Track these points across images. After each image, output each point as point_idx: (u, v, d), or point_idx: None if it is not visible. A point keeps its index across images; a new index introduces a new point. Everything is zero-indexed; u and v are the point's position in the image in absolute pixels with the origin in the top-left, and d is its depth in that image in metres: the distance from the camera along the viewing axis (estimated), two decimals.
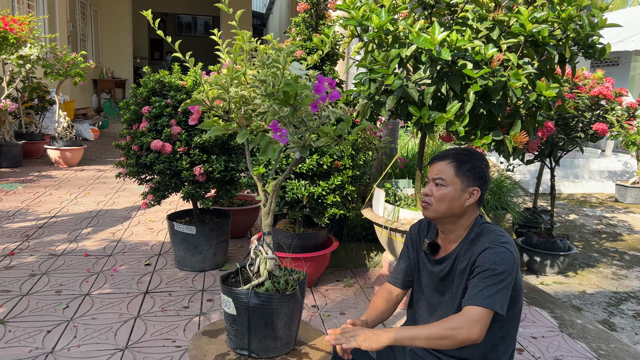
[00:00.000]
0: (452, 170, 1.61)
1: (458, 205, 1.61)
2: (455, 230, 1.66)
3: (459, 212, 1.62)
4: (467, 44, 2.20)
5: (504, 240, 1.55)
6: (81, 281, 3.13)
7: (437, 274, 1.69)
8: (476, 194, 1.62)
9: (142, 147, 3.10)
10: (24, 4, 8.64)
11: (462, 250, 1.63)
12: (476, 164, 1.62)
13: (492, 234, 1.58)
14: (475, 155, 1.64)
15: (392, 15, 2.39)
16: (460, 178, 1.61)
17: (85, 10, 12.59)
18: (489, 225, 1.64)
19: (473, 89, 2.25)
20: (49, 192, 5.21)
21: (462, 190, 1.61)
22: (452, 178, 1.61)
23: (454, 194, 1.60)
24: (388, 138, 3.60)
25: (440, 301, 1.69)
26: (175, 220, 3.39)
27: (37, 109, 7.23)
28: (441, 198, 1.61)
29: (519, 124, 2.52)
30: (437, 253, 1.72)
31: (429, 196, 1.65)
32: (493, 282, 1.48)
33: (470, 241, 1.61)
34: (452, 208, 1.61)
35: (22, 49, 5.81)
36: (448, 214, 1.62)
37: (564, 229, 5.55)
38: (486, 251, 1.52)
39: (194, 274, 3.35)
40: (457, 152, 1.65)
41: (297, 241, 3.06)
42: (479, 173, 1.62)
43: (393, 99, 2.48)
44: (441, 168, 1.63)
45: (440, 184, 1.62)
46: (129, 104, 3.16)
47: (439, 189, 1.62)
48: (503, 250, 1.51)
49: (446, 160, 1.63)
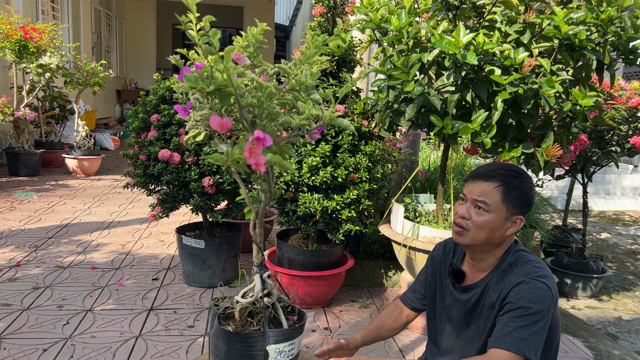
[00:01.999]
0: (498, 196, 1.38)
1: (498, 235, 1.40)
2: (487, 260, 1.45)
3: (498, 241, 1.41)
4: (495, 47, 2.01)
5: (542, 274, 1.33)
6: (85, 295, 3.00)
7: (463, 303, 1.49)
8: (519, 223, 1.41)
9: (150, 157, 2.97)
10: (49, 14, 8.74)
11: (492, 281, 1.42)
12: (526, 190, 1.40)
13: (528, 265, 1.37)
14: (525, 178, 1.42)
15: (413, 17, 2.21)
16: (507, 205, 1.38)
17: (111, 22, 12.74)
18: (525, 253, 1.43)
19: (501, 97, 2.05)
20: (63, 202, 5.14)
21: (505, 218, 1.39)
22: (497, 204, 1.38)
23: (497, 222, 1.39)
24: (409, 150, 3.41)
25: (466, 334, 1.49)
26: (184, 234, 3.24)
27: (58, 118, 7.24)
28: (481, 225, 1.39)
29: (552, 135, 2.31)
30: (462, 282, 1.52)
31: (466, 220, 1.42)
32: (526, 322, 1.27)
33: (503, 271, 1.41)
34: (491, 237, 1.40)
35: (42, 58, 5.80)
36: (485, 243, 1.41)
37: (595, 249, 5.25)
38: (520, 286, 1.31)
39: (202, 290, 3.19)
40: (507, 173, 1.40)
41: (309, 258, 2.88)
42: (526, 201, 1.40)
43: (413, 108, 2.30)
44: (486, 190, 1.40)
45: (483, 209, 1.39)
46: (138, 112, 3.04)
47: (479, 214, 1.40)
48: (540, 286, 1.30)
49: (493, 183, 1.40)
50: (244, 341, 1.38)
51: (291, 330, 1.41)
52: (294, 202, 2.81)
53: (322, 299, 2.98)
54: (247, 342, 1.37)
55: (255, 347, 1.38)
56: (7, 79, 6.85)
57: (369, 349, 2.53)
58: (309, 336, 2.68)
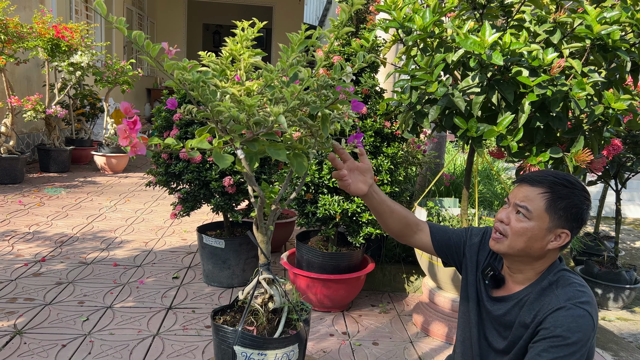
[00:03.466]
0: (542, 203, 1.28)
1: (538, 246, 1.30)
2: (525, 272, 1.36)
3: (537, 254, 1.32)
4: (523, 47, 1.93)
5: (585, 300, 1.23)
6: (106, 292, 3.03)
7: (493, 314, 1.42)
8: (564, 238, 1.30)
9: (172, 156, 2.97)
10: (82, 14, 8.92)
11: (528, 298, 1.32)
12: (576, 202, 1.28)
13: (570, 288, 1.26)
14: (577, 189, 1.30)
15: (438, 16, 2.15)
16: (551, 215, 1.28)
17: (143, 22, 12.95)
18: (569, 274, 1.32)
19: (529, 99, 1.97)
20: (90, 198, 5.22)
21: (548, 229, 1.29)
22: (540, 212, 1.28)
23: (537, 232, 1.29)
24: (433, 152, 3.33)
25: (496, 347, 1.40)
26: (205, 233, 3.24)
27: (88, 116, 7.38)
28: (520, 232, 1.30)
29: (582, 140, 2.21)
30: (499, 288, 1.43)
31: (505, 224, 1.34)
32: (563, 354, 1.17)
33: (542, 290, 1.31)
34: (529, 248, 1.31)
35: (73, 57, 5.91)
36: (522, 254, 1.32)
37: (629, 258, 5.05)
38: (560, 312, 1.21)
39: (222, 290, 3.18)
40: (557, 180, 1.29)
41: (329, 261, 2.84)
42: (575, 214, 1.29)
43: (437, 109, 2.24)
44: (530, 195, 1.30)
45: (524, 215, 1.30)
46: (161, 110, 3.05)
47: (519, 220, 1.31)
48: (582, 314, 1.20)
49: (539, 188, 1.30)
50: (217, 332, 1.42)
51: (261, 340, 1.37)
52: (313, 203, 2.77)
53: (341, 302, 2.93)
54: (219, 335, 1.41)
55: (225, 342, 1.37)
56: (40, 77, 7.02)
57: None
58: (326, 340, 2.63)
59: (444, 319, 2.70)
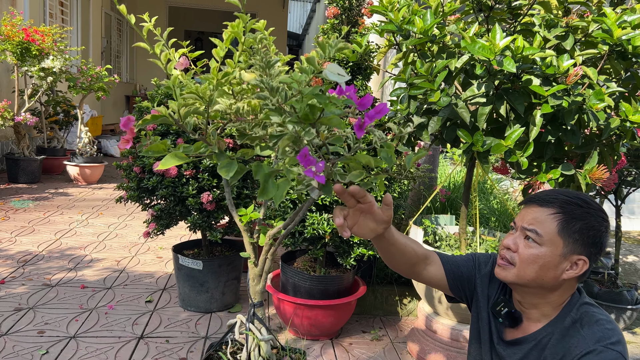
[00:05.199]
0: (554, 226, 1.11)
1: (551, 275, 1.11)
2: (540, 307, 1.17)
3: (550, 284, 1.13)
4: (537, 53, 1.73)
5: (616, 340, 1.04)
6: (70, 320, 2.74)
7: (506, 359, 1.21)
8: (581, 266, 1.11)
9: (145, 169, 2.72)
10: (57, 17, 8.58)
11: (549, 340, 1.13)
12: (592, 223, 1.11)
13: (598, 327, 1.07)
14: (593, 209, 1.13)
15: (440, 18, 1.94)
16: (565, 240, 1.10)
17: (122, 27, 12.61)
18: (593, 309, 1.13)
19: (543, 110, 1.77)
20: (60, 212, 4.90)
21: (562, 255, 1.10)
22: (551, 236, 1.11)
23: (550, 259, 1.11)
24: (427, 166, 3.13)
25: None
26: (182, 253, 2.98)
27: (62, 124, 7.04)
28: (529, 260, 1.12)
29: (595, 155, 2.02)
30: (515, 327, 1.21)
31: (512, 251, 1.15)
32: None
33: (565, 330, 1.11)
34: (542, 277, 1.12)
35: (44, 61, 5.60)
36: (534, 284, 1.13)
37: (623, 273, 4.91)
38: (590, 356, 1.02)
39: (199, 315, 2.92)
40: (570, 200, 1.13)
41: (317, 285, 2.60)
42: (593, 238, 1.11)
43: (438, 121, 2.03)
44: (539, 217, 1.12)
45: (533, 240, 1.12)
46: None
47: (528, 246, 1.13)
48: (615, 357, 1.01)
49: (550, 209, 1.12)
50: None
51: None
52: (301, 222, 2.54)
53: (330, 330, 2.69)
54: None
55: None
56: (10, 82, 6.67)
57: None
58: None
59: (442, 349, 2.48)
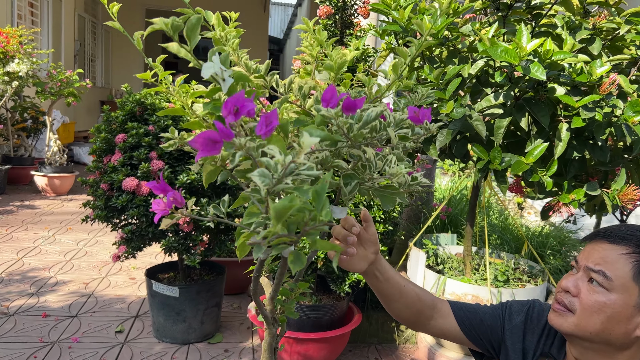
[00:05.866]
0: (628, 269, 0.87)
1: (621, 330, 0.87)
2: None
3: (620, 341, 0.89)
4: (568, 57, 1.49)
5: None
6: (28, 355, 2.42)
7: None
8: None
9: (113, 186, 2.42)
10: (27, 19, 8.17)
11: None
12: None
13: None
14: None
15: (452, 18, 1.70)
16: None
17: (96, 30, 12.18)
18: None
19: (574, 124, 1.53)
20: (24, 227, 4.54)
21: (636, 306, 0.87)
22: (624, 281, 0.87)
23: (620, 309, 0.87)
24: (426, 181, 2.89)
25: None
26: (155, 277, 2.68)
27: (30, 131, 6.64)
28: (594, 308, 0.88)
29: (624, 173, 1.80)
30: None
31: (572, 296, 0.91)
32: None
33: None
34: (609, 331, 0.88)
35: (9, 65, 5.24)
36: (598, 339, 0.89)
37: None
38: None
39: (175, 347, 2.62)
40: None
41: (308, 315, 2.33)
42: None
43: (448, 134, 1.79)
44: (610, 256, 0.89)
45: (600, 284, 0.88)
46: (100, 130, 2.50)
47: (593, 291, 0.89)
48: None
49: (624, 247, 0.89)
50: None
51: None
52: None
53: None
54: None
55: None
56: None
57: None
58: None
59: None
